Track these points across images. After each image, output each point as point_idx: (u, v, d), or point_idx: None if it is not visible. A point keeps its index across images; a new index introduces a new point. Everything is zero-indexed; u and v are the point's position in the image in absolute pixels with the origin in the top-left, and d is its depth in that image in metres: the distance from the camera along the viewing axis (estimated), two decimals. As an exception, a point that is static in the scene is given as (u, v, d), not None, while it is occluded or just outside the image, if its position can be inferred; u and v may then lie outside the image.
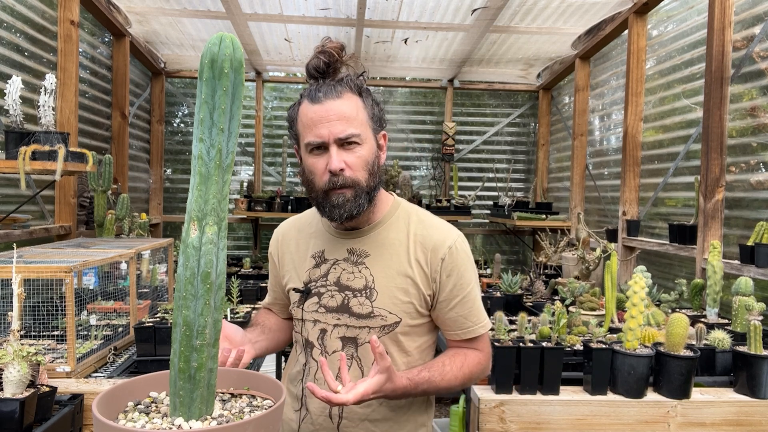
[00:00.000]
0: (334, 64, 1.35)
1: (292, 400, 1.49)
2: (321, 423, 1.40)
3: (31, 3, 3.07)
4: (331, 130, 1.27)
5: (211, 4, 3.82)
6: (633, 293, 1.94)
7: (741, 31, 2.89)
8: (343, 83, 1.32)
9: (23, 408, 1.51)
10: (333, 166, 1.27)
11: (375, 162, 1.35)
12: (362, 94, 1.34)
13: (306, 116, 1.31)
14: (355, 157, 1.30)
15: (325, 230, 1.47)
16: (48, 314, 2.19)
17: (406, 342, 1.40)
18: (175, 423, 0.93)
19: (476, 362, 1.42)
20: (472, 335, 1.41)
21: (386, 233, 1.41)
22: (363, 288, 1.37)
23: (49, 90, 2.37)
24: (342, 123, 1.28)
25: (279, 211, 4.82)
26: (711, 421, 1.93)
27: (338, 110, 1.28)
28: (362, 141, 1.31)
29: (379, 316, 1.36)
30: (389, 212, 1.44)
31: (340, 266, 1.41)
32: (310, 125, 1.30)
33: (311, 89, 1.33)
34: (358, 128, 1.30)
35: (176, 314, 0.96)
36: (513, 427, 1.91)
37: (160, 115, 5.21)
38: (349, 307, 1.37)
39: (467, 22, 4.03)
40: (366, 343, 1.37)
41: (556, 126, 5.45)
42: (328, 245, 1.45)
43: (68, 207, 3.23)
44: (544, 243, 3.90)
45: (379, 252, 1.39)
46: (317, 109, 1.29)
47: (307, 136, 1.31)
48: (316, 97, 1.30)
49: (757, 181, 2.79)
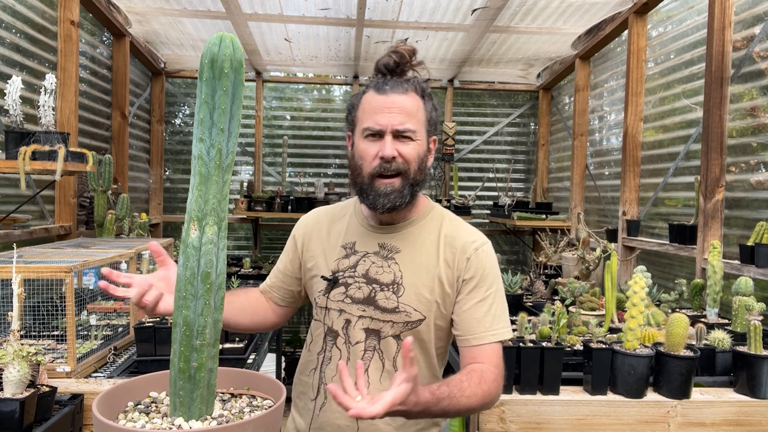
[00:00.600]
0: (403, 65, 1.40)
1: (306, 389, 1.48)
2: (341, 411, 1.38)
3: (31, 3, 3.07)
4: (390, 121, 1.34)
5: (211, 4, 3.82)
6: (633, 293, 1.94)
7: (741, 31, 2.89)
8: (409, 82, 1.39)
9: (23, 408, 1.51)
10: (386, 152, 1.33)
11: (424, 160, 1.41)
12: (424, 97, 1.41)
13: (369, 104, 1.37)
14: (408, 149, 1.36)
15: (358, 223, 1.50)
16: (48, 314, 2.19)
17: (428, 341, 1.41)
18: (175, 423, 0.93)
19: (492, 379, 1.33)
20: (481, 341, 1.36)
21: (419, 232, 1.45)
22: (391, 283, 1.40)
23: (49, 90, 2.37)
24: (402, 116, 1.34)
25: (279, 211, 4.81)
26: (711, 421, 1.93)
27: (401, 104, 1.35)
28: (416, 137, 1.37)
29: (404, 312, 1.38)
30: (423, 212, 1.48)
31: (370, 259, 1.43)
32: (371, 112, 1.36)
33: (379, 81, 1.39)
34: (415, 125, 1.36)
35: (176, 314, 0.96)
36: (513, 427, 1.91)
37: (160, 115, 5.21)
38: (375, 300, 1.39)
39: (467, 22, 4.02)
40: (389, 337, 1.38)
41: (556, 126, 5.45)
42: (360, 238, 1.47)
43: (68, 207, 3.23)
44: (544, 243, 3.90)
45: (410, 249, 1.42)
46: (381, 99, 1.35)
47: (366, 121, 1.37)
48: (382, 88, 1.36)
49: (757, 181, 2.79)
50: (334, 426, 1.41)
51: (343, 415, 1.39)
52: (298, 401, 1.53)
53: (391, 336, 1.38)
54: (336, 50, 4.75)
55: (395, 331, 1.39)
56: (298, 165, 5.56)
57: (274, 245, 5.56)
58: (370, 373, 1.39)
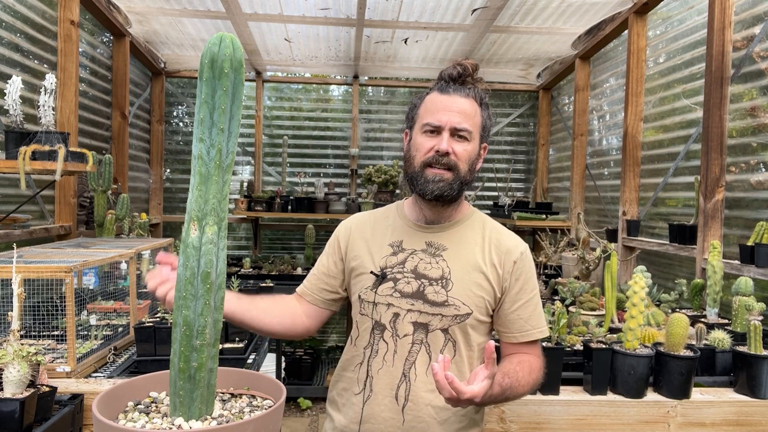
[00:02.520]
0: (465, 77, 1.50)
1: (350, 385, 1.52)
2: (386, 404, 1.44)
3: (31, 3, 3.07)
4: (450, 119, 1.43)
5: (211, 4, 3.82)
6: (633, 293, 1.94)
7: (741, 31, 2.89)
8: (470, 89, 1.49)
9: (23, 408, 1.51)
10: (442, 146, 1.42)
11: (475, 161, 1.50)
12: (482, 105, 1.51)
13: (432, 102, 1.48)
14: (462, 148, 1.45)
15: (404, 224, 1.57)
16: (48, 314, 2.19)
17: (473, 336, 1.47)
18: (175, 423, 0.93)
19: (538, 368, 1.48)
20: (529, 338, 1.48)
21: (463, 232, 1.53)
22: (440, 278, 1.46)
23: (49, 90, 2.37)
24: (461, 116, 1.44)
25: (279, 211, 4.82)
26: (711, 421, 1.93)
27: (461, 105, 1.45)
28: (471, 138, 1.46)
29: (453, 306, 1.44)
30: (466, 215, 1.57)
31: (418, 256, 1.50)
32: (433, 110, 1.46)
33: (442, 85, 1.50)
34: (471, 127, 1.46)
35: (176, 314, 0.96)
36: (513, 427, 1.91)
37: (160, 115, 5.21)
38: (425, 294, 1.45)
39: (467, 22, 4.02)
40: (437, 330, 1.44)
41: (556, 126, 5.45)
42: (407, 237, 1.54)
43: (68, 207, 3.23)
44: (544, 243, 3.90)
45: (456, 247, 1.50)
46: (444, 99, 1.46)
47: (427, 118, 1.46)
48: (446, 90, 1.47)
49: (757, 181, 2.79)
50: (379, 418, 1.44)
51: (388, 408, 1.44)
52: (339, 399, 1.55)
53: (439, 329, 1.44)
54: (336, 50, 4.75)
55: (443, 325, 1.44)
56: (298, 165, 5.56)
57: (274, 245, 5.56)
58: (416, 366, 1.44)
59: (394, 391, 1.44)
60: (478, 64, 1.53)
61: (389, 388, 1.45)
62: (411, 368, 1.43)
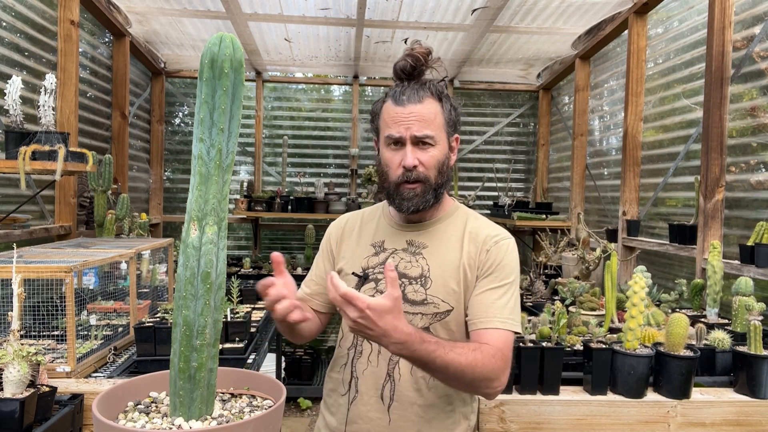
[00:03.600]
0: (419, 67, 1.45)
1: (337, 386, 1.52)
2: (372, 404, 1.44)
3: (31, 3, 3.07)
4: (410, 130, 1.41)
5: (211, 4, 3.82)
6: (633, 293, 1.94)
7: (741, 31, 2.89)
8: (425, 88, 1.44)
9: (23, 408, 1.51)
10: (407, 162, 1.41)
11: (445, 162, 1.47)
12: (442, 99, 1.46)
13: (388, 114, 1.45)
14: (428, 156, 1.42)
15: (387, 223, 1.57)
16: (48, 314, 2.19)
17: (456, 331, 1.45)
18: (175, 423, 0.93)
19: (491, 354, 1.30)
20: (486, 325, 1.36)
21: (444, 228, 1.52)
22: (419, 276, 1.45)
23: (49, 90, 2.37)
24: (419, 124, 1.41)
25: (279, 211, 4.82)
26: (711, 421, 1.93)
27: (418, 112, 1.41)
28: (435, 142, 1.43)
29: (432, 304, 1.43)
30: (449, 212, 1.55)
31: (399, 255, 1.49)
32: (390, 123, 1.43)
33: (396, 90, 1.45)
34: (433, 131, 1.42)
35: (176, 314, 0.96)
36: (513, 427, 1.91)
37: (160, 115, 5.21)
38: (405, 293, 1.44)
39: (467, 22, 4.02)
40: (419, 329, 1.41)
41: (556, 126, 5.45)
42: (389, 236, 1.54)
43: (68, 207, 3.23)
44: (544, 243, 3.90)
45: (436, 244, 1.49)
46: (399, 110, 1.42)
47: (387, 130, 1.44)
48: (399, 99, 1.43)
49: (757, 181, 2.79)
50: (365, 419, 1.45)
51: (374, 408, 1.44)
52: (329, 399, 1.56)
53: (420, 327, 1.42)
54: (336, 50, 4.75)
55: (425, 323, 1.43)
56: (298, 165, 5.56)
57: (274, 245, 5.56)
58: (401, 366, 1.43)
59: (380, 391, 1.44)
60: (430, 49, 1.47)
61: (374, 388, 1.45)
62: (395, 368, 1.43)
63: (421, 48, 1.46)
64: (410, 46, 1.47)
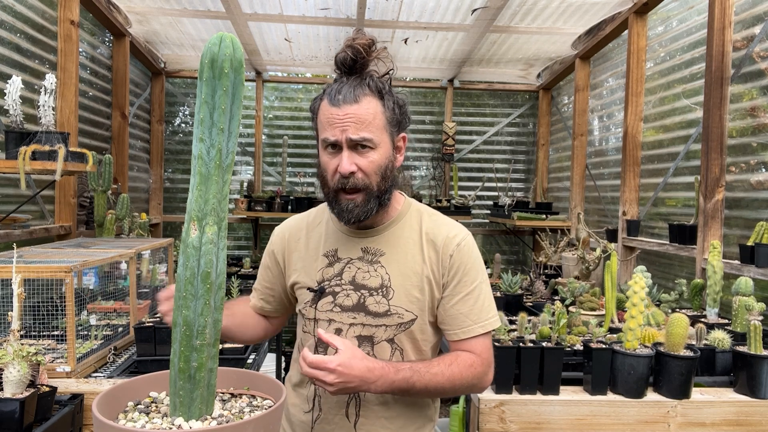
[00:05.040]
0: (360, 60, 1.33)
1: (301, 402, 1.46)
2: (337, 422, 1.39)
3: (31, 3, 3.07)
4: (345, 132, 1.29)
5: (211, 4, 3.82)
6: (633, 293, 1.94)
7: (741, 31, 2.89)
8: (363, 85, 1.32)
9: (23, 408, 1.51)
10: (343, 168, 1.29)
11: (389, 166, 1.35)
12: (384, 96, 1.34)
13: (324, 115, 1.33)
14: (367, 162, 1.31)
15: (337, 229, 1.46)
16: (48, 314, 2.19)
17: (421, 340, 1.40)
18: (175, 423, 0.93)
19: (468, 364, 1.35)
20: (470, 334, 1.37)
21: (400, 232, 1.42)
22: (379, 287, 1.38)
23: (49, 90, 2.37)
24: (356, 126, 1.29)
25: (279, 211, 4.82)
26: (711, 421, 1.93)
27: (355, 113, 1.29)
28: (376, 145, 1.31)
29: (396, 314, 1.37)
30: (401, 212, 1.45)
31: (355, 265, 1.41)
32: (326, 124, 1.32)
33: (333, 89, 1.33)
34: (372, 133, 1.30)
35: (176, 314, 0.96)
36: (513, 427, 1.91)
37: (160, 115, 5.21)
38: (366, 305, 1.37)
39: (467, 22, 4.02)
40: (382, 342, 1.37)
41: (556, 126, 5.45)
42: (341, 244, 1.44)
43: (68, 207, 3.23)
44: (544, 243, 3.90)
45: (394, 251, 1.40)
46: (335, 112, 1.30)
47: (323, 132, 1.34)
48: (335, 99, 1.31)
49: (757, 181, 2.79)
50: None
51: (339, 426, 1.39)
52: (292, 409, 1.49)
53: (384, 340, 1.37)
54: (336, 50, 4.72)
55: (388, 335, 1.37)
56: (298, 165, 5.55)
57: (274, 245, 5.55)
58: None
59: (344, 409, 1.39)
60: (373, 40, 1.34)
61: (338, 406, 1.39)
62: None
63: (363, 39, 1.33)
64: (352, 36, 1.34)
